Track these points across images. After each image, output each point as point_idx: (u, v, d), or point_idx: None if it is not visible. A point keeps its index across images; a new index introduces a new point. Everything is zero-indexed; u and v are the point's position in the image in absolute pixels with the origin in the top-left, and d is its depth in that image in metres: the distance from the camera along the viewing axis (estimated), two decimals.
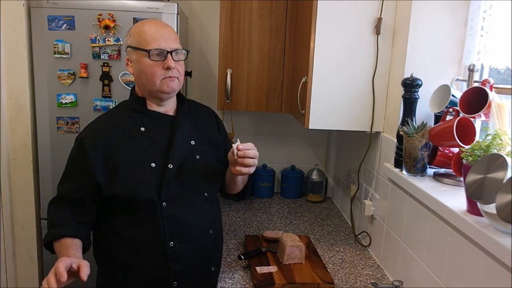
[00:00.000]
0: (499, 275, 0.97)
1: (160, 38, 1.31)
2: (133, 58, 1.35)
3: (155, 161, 1.34)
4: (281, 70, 2.12)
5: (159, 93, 1.35)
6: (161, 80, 1.32)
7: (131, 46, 1.34)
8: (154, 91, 1.35)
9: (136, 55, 1.33)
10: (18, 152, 2.04)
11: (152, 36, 1.31)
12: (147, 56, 1.30)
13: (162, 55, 1.31)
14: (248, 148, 1.33)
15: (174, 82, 1.35)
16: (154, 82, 1.32)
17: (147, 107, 1.39)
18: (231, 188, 1.55)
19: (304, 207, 2.33)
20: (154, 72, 1.31)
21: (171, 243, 1.34)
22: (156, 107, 1.40)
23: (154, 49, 1.30)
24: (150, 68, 1.31)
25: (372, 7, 1.63)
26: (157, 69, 1.31)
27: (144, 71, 1.32)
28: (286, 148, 2.56)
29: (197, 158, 1.42)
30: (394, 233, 1.57)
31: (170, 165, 1.34)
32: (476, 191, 1.00)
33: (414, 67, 1.52)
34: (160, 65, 1.31)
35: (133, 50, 1.34)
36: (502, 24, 1.31)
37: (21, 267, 2.13)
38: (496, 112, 1.21)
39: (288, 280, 1.47)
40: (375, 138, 1.77)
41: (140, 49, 1.31)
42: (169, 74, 1.33)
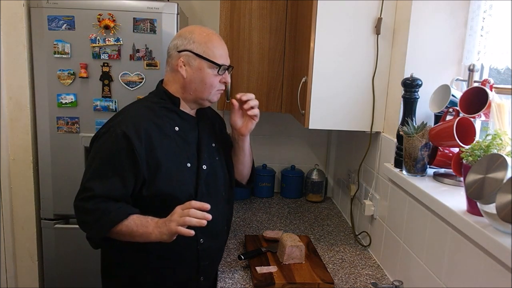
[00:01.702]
0: (499, 275, 0.97)
1: (225, 55, 1.42)
2: (194, 64, 1.37)
3: (190, 161, 1.39)
4: (281, 70, 2.12)
5: (207, 101, 1.44)
6: (214, 92, 1.42)
7: (195, 53, 1.37)
8: (204, 99, 1.42)
9: (199, 63, 1.37)
10: (18, 152, 2.04)
11: (220, 52, 1.40)
12: (214, 68, 1.38)
13: (224, 70, 1.41)
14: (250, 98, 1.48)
15: (220, 94, 1.47)
16: (210, 92, 1.41)
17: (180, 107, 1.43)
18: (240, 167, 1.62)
19: (304, 207, 2.33)
20: (214, 83, 1.40)
21: (202, 240, 1.41)
22: (188, 109, 1.45)
23: (224, 65, 1.40)
24: (211, 79, 1.39)
25: (372, 7, 1.63)
26: (216, 82, 1.41)
27: (204, 81, 1.38)
28: (286, 148, 2.56)
29: (217, 159, 1.50)
30: (394, 233, 1.57)
31: (204, 166, 1.42)
32: (476, 191, 1.00)
33: (414, 67, 1.52)
34: (219, 78, 1.41)
35: (195, 57, 1.37)
36: (502, 24, 1.31)
37: (21, 267, 2.13)
38: (496, 112, 1.21)
39: (288, 280, 1.47)
40: (375, 138, 1.77)
41: (209, 61, 1.37)
42: (222, 87, 1.44)
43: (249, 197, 2.43)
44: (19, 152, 2.04)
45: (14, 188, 2.07)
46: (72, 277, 2.11)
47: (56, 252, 2.11)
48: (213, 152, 1.49)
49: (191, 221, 1.19)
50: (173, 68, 1.40)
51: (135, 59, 1.96)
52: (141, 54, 1.95)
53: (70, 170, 2.00)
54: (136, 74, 1.97)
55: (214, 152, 1.50)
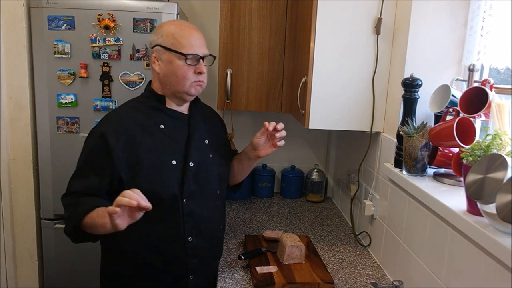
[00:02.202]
0: (499, 275, 0.97)
1: (195, 44, 1.37)
2: (163, 58, 1.37)
3: (176, 158, 1.38)
4: (281, 70, 2.12)
5: (185, 94, 1.40)
6: (190, 83, 1.38)
7: (163, 46, 1.36)
8: (180, 92, 1.40)
9: (168, 55, 1.36)
10: (18, 152, 2.04)
11: (188, 41, 1.36)
12: (182, 59, 1.35)
13: (195, 59, 1.37)
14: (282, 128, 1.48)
15: (201, 86, 1.42)
16: (185, 85, 1.38)
17: (166, 105, 1.43)
18: (238, 177, 1.67)
19: (304, 207, 2.33)
20: (186, 75, 1.37)
21: (190, 238, 1.41)
22: (174, 106, 1.44)
23: (191, 54, 1.35)
24: (182, 71, 1.36)
25: (372, 7, 1.63)
26: (189, 73, 1.37)
27: (176, 73, 1.36)
28: (286, 148, 2.53)
29: (210, 156, 1.49)
30: (394, 233, 1.57)
31: (191, 163, 1.40)
32: (476, 191, 1.00)
33: (414, 67, 1.52)
34: (192, 69, 1.37)
35: (164, 50, 1.36)
36: (502, 24, 1.31)
37: (21, 267, 2.13)
38: (496, 112, 1.21)
39: (288, 280, 1.47)
40: (375, 138, 1.77)
41: (176, 52, 1.35)
42: (199, 78, 1.40)
43: (249, 197, 2.43)
44: (19, 152, 2.04)
45: (14, 188, 2.07)
46: (72, 277, 2.11)
47: (56, 252, 2.11)
48: (206, 149, 1.48)
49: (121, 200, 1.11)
50: (150, 65, 1.42)
51: (135, 59, 1.96)
52: (141, 54, 1.96)
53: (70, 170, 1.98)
54: (136, 74, 1.97)
55: (207, 149, 1.49)
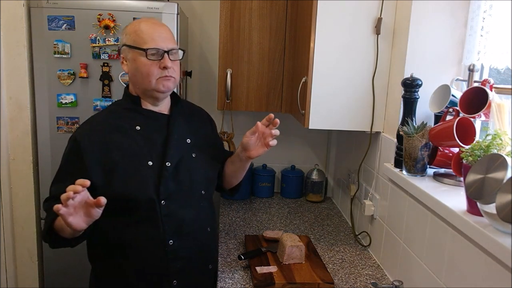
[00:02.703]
0: (499, 275, 0.97)
1: (157, 38, 1.32)
2: (129, 57, 1.35)
3: (152, 159, 1.34)
4: (281, 70, 2.12)
5: (154, 92, 1.36)
6: (156, 80, 1.33)
7: (127, 45, 1.34)
8: (149, 90, 1.35)
9: (132, 53, 1.33)
10: (18, 152, 2.04)
11: (149, 35, 1.32)
12: (143, 55, 1.31)
13: (158, 54, 1.32)
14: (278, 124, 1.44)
15: (170, 81, 1.36)
16: (150, 81, 1.33)
17: (142, 106, 1.40)
18: (233, 180, 1.61)
19: (304, 207, 2.33)
20: (150, 71, 1.32)
21: (171, 241, 1.35)
22: (151, 106, 1.40)
23: (151, 48, 1.31)
24: (146, 67, 1.32)
25: (372, 7, 1.63)
26: (154, 68, 1.32)
27: (140, 70, 1.32)
28: (286, 148, 2.56)
29: (193, 156, 1.44)
30: (394, 233, 1.57)
31: (168, 163, 1.35)
32: (476, 191, 1.00)
33: (414, 67, 1.52)
34: (157, 65, 1.32)
35: (129, 49, 1.34)
36: (502, 24, 1.31)
37: (21, 267, 2.13)
38: (496, 112, 1.21)
39: (288, 280, 1.47)
40: (375, 138, 1.77)
41: (137, 48, 1.31)
42: (165, 73, 1.33)
43: (249, 197, 2.43)
44: (19, 152, 2.04)
45: (14, 188, 2.07)
46: (72, 277, 2.10)
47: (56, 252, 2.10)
48: (188, 149, 1.43)
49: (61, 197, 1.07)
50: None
51: None
52: None
53: None
54: None
55: (189, 148, 1.44)
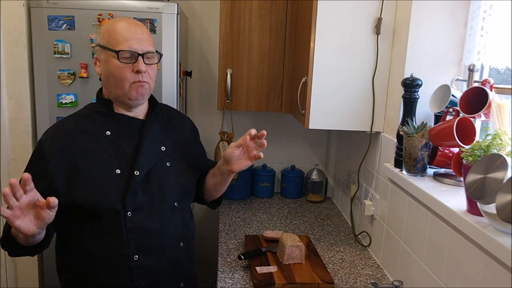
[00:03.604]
0: (499, 275, 0.97)
1: (131, 39, 1.22)
2: (101, 58, 1.26)
3: (121, 167, 1.25)
4: (281, 70, 2.12)
5: (126, 99, 1.27)
6: (130, 85, 1.24)
7: (100, 45, 1.25)
8: (121, 96, 1.26)
9: (105, 55, 1.24)
10: (18, 152, 2.04)
11: (123, 36, 1.22)
12: (116, 57, 1.21)
13: (132, 57, 1.23)
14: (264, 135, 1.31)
15: (143, 87, 1.26)
16: (123, 86, 1.24)
17: (114, 110, 1.31)
18: (214, 193, 1.52)
19: (304, 207, 2.33)
20: (122, 75, 1.23)
21: (136, 256, 1.25)
22: (124, 111, 1.32)
23: (124, 50, 1.21)
24: (118, 71, 1.22)
25: (372, 7, 1.63)
26: (126, 72, 1.23)
27: (113, 73, 1.23)
28: (286, 148, 2.56)
29: (167, 165, 1.34)
30: (394, 233, 1.57)
31: (137, 172, 1.25)
32: (476, 191, 1.00)
33: (414, 67, 1.52)
34: (130, 68, 1.23)
35: (101, 49, 1.25)
36: (502, 24, 1.31)
37: (21, 267, 2.13)
38: (496, 112, 1.21)
39: (288, 280, 1.47)
40: (375, 138, 1.77)
41: (109, 49, 1.22)
42: (138, 78, 1.24)
43: (249, 197, 2.43)
44: (19, 152, 2.04)
45: None
46: None
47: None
48: (162, 157, 1.33)
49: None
50: None
51: None
52: None
53: None
54: None
55: (164, 157, 1.33)
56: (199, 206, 2.57)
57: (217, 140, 2.32)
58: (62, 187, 1.21)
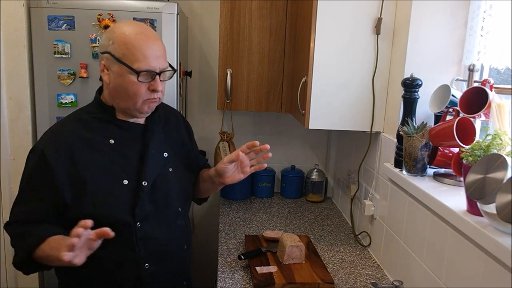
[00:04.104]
0: (499, 275, 0.97)
1: (150, 57, 1.17)
2: (113, 69, 1.18)
3: (128, 178, 1.23)
4: (281, 70, 2.12)
5: (137, 112, 1.24)
6: (143, 101, 1.21)
7: (114, 57, 1.17)
8: (131, 109, 1.23)
9: (119, 68, 1.17)
10: (18, 152, 2.04)
11: (142, 53, 1.16)
12: (133, 74, 1.16)
13: (150, 76, 1.18)
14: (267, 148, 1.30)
15: (155, 102, 1.24)
16: (136, 102, 1.20)
17: (116, 117, 1.26)
18: (202, 194, 1.54)
19: (304, 207, 2.33)
20: (138, 92, 1.18)
21: (147, 264, 1.26)
22: (125, 117, 1.27)
23: (144, 70, 1.16)
24: (134, 88, 1.17)
25: (372, 7, 1.63)
26: (142, 90, 1.18)
27: (126, 89, 1.18)
28: (286, 148, 2.56)
29: (170, 171, 1.33)
30: (394, 233, 1.57)
31: (145, 183, 1.24)
32: (476, 191, 1.00)
33: (414, 67, 1.52)
34: (146, 86, 1.19)
35: (115, 61, 1.17)
36: (502, 24, 1.31)
37: None
38: (496, 112, 1.21)
39: (288, 280, 1.47)
40: (375, 138, 1.77)
41: (127, 66, 1.16)
42: (153, 96, 1.21)
43: (249, 197, 2.43)
44: (19, 152, 2.04)
45: (14, 188, 2.06)
46: None
47: None
48: (165, 164, 1.32)
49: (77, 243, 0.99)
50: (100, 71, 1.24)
51: None
52: None
53: None
54: None
55: (166, 163, 1.32)
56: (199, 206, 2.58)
57: (217, 140, 2.32)
58: (70, 201, 1.18)
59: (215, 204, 2.59)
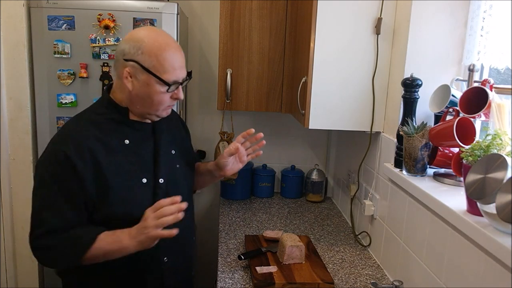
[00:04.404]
0: (499, 275, 0.97)
1: (178, 69, 1.23)
2: (140, 78, 1.21)
3: (146, 176, 1.27)
4: (281, 70, 2.12)
5: (154, 116, 1.29)
6: (164, 108, 1.27)
7: (143, 67, 1.19)
8: (151, 114, 1.28)
9: (147, 77, 1.20)
10: (18, 152, 2.04)
11: (171, 65, 1.21)
12: (161, 84, 1.21)
13: (175, 86, 1.25)
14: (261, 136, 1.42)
15: (172, 108, 1.33)
16: (157, 109, 1.26)
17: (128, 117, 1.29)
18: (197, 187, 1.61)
19: (304, 207, 2.33)
20: (163, 100, 1.24)
21: (165, 258, 1.33)
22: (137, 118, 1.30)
23: (176, 82, 1.23)
24: (159, 97, 1.23)
25: (372, 7, 1.63)
26: (166, 98, 1.25)
27: (150, 97, 1.22)
28: (286, 148, 2.56)
29: (177, 167, 1.39)
30: (394, 233, 1.57)
31: (161, 180, 1.30)
32: (476, 191, 1.00)
33: (414, 67, 1.52)
34: (169, 94, 1.25)
35: (143, 71, 1.20)
36: (502, 24, 1.31)
37: (21, 267, 2.13)
38: (496, 112, 1.21)
39: (288, 280, 1.47)
40: (375, 138, 1.77)
41: (157, 77, 1.20)
42: (173, 103, 1.29)
43: (249, 197, 2.43)
44: (19, 152, 2.04)
45: (14, 188, 2.07)
46: None
47: None
48: (173, 160, 1.38)
49: (167, 220, 1.13)
50: (119, 76, 1.24)
51: None
52: None
53: None
54: None
55: (174, 159, 1.38)
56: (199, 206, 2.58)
57: (217, 140, 2.32)
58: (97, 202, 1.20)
59: (215, 204, 2.59)
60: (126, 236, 1.18)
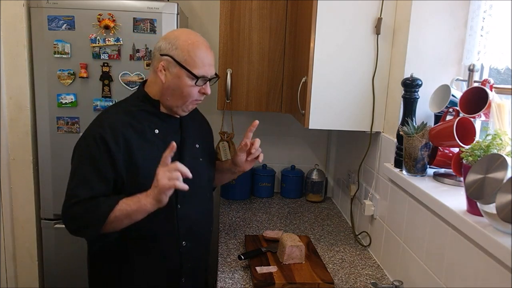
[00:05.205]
0: (499, 275, 0.97)
1: (207, 65, 1.36)
2: (173, 71, 1.34)
3: None
4: (281, 70, 2.12)
5: (181, 110, 1.40)
6: (191, 101, 1.39)
7: (177, 61, 1.33)
8: (178, 106, 1.39)
9: (178, 70, 1.33)
10: (18, 152, 2.04)
11: (202, 61, 1.34)
12: (192, 78, 1.34)
13: (203, 81, 1.37)
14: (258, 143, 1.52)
15: (198, 103, 1.43)
16: (185, 101, 1.38)
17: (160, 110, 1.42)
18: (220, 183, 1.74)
19: (304, 207, 2.33)
20: (191, 93, 1.36)
21: (184, 242, 1.44)
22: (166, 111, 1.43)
23: (204, 76, 1.35)
24: (189, 89, 1.35)
25: (372, 7, 1.63)
26: (195, 92, 1.37)
27: (181, 89, 1.35)
28: (286, 148, 2.56)
29: (201, 160, 1.50)
30: (394, 233, 1.57)
31: None
32: (476, 191, 1.00)
33: (414, 67, 1.52)
34: (197, 88, 1.37)
35: (176, 64, 1.33)
36: (502, 24, 1.31)
37: (21, 267, 2.13)
38: (496, 112, 1.21)
39: (288, 280, 1.47)
40: (375, 138, 1.77)
41: (188, 70, 1.33)
42: (201, 98, 1.40)
43: (249, 197, 2.43)
44: (19, 152, 2.04)
45: (14, 188, 2.07)
46: (72, 277, 2.11)
47: (56, 252, 2.11)
48: (197, 153, 1.50)
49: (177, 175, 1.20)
50: (154, 70, 1.38)
51: (135, 59, 1.96)
52: (141, 54, 1.96)
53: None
54: (136, 74, 1.97)
55: (198, 153, 1.50)
56: None
57: (217, 140, 2.32)
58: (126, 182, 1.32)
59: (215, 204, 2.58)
60: (143, 195, 1.26)
